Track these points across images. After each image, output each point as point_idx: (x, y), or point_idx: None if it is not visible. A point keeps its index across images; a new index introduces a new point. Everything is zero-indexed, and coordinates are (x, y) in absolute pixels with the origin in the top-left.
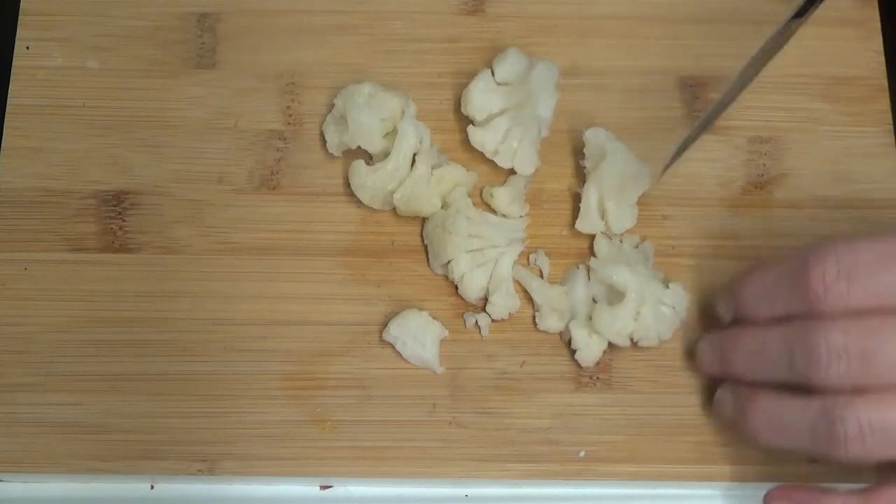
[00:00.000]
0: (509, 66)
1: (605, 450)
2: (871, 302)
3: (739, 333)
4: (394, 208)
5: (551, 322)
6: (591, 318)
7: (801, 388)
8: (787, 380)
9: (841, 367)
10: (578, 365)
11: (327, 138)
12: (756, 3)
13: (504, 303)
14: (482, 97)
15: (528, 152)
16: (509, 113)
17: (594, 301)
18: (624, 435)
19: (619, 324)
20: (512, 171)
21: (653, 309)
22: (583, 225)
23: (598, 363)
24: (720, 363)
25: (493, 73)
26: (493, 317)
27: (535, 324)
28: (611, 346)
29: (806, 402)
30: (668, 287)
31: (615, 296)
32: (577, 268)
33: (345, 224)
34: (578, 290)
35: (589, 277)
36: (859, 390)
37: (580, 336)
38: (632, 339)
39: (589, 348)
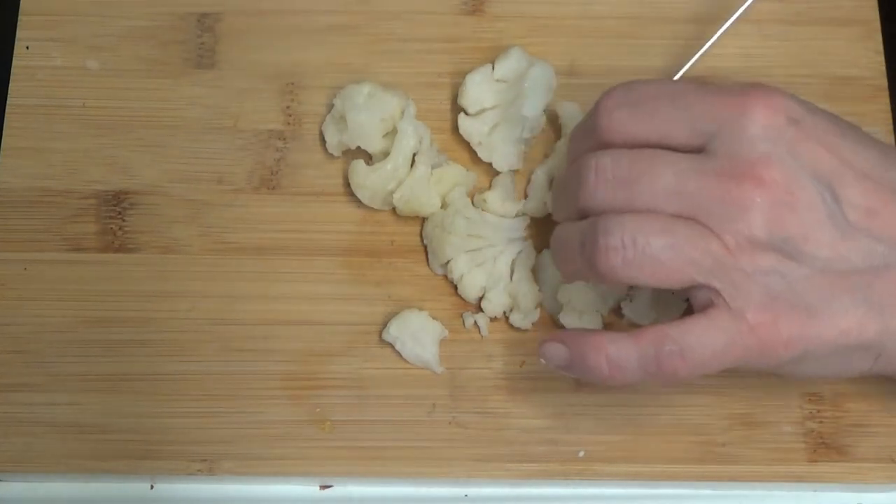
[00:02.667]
0: (510, 64)
1: (605, 450)
2: (650, 135)
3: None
4: (393, 208)
5: (570, 319)
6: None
7: None
8: (572, 210)
9: (606, 191)
10: None
11: (327, 138)
12: (755, 3)
13: (499, 300)
14: (477, 90)
15: (508, 150)
16: (500, 109)
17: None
18: (623, 435)
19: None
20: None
21: (654, 292)
22: (529, 206)
23: None
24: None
25: (493, 69)
26: (489, 314)
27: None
28: None
29: (584, 221)
30: None
31: None
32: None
33: (344, 224)
34: (552, 270)
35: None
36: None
37: (570, 320)
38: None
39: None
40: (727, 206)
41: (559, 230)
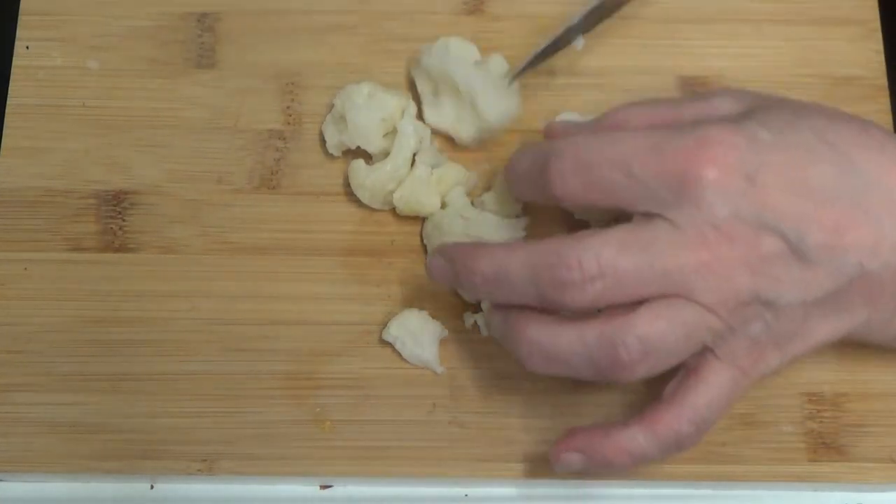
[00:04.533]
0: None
1: None
2: (605, 205)
3: (473, 254)
4: (393, 208)
5: None
6: None
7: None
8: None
9: (593, 288)
10: None
11: (327, 138)
12: (752, 3)
13: None
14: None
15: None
16: (453, 100)
17: None
18: None
19: None
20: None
21: None
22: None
23: None
24: (454, 280)
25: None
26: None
27: None
28: None
29: (580, 330)
30: None
31: None
32: None
33: (344, 224)
34: None
35: None
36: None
37: None
38: None
39: None
40: (709, 279)
41: (536, 334)
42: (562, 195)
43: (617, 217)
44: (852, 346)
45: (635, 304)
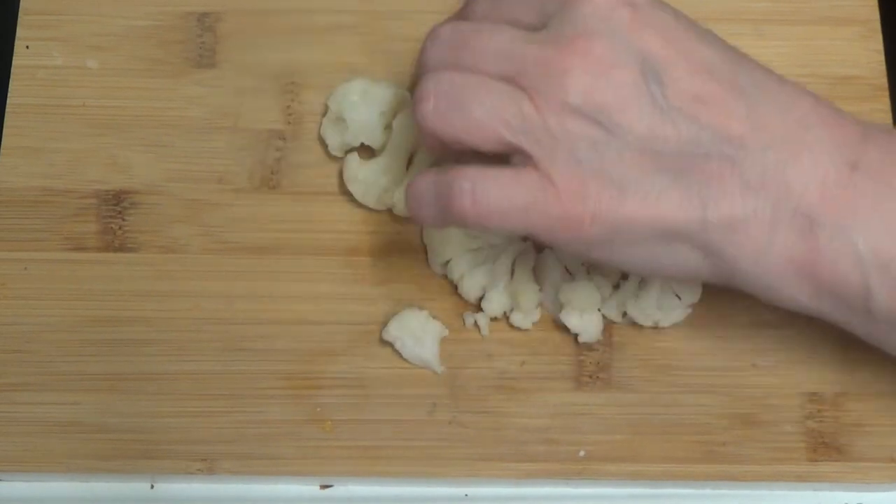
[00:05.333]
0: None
1: (605, 449)
2: (503, 16)
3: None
4: (389, 208)
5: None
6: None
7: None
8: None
9: (438, 51)
10: (578, 364)
11: (328, 141)
12: (752, 3)
13: (500, 300)
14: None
15: None
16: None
17: (568, 272)
18: (624, 434)
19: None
20: None
21: (660, 291)
22: None
23: (599, 341)
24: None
25: None
26: (489, 314)
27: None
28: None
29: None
30: None
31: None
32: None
33: (345, 223)
34: (552, 270)
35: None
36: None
37: (571, 320)
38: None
39: (586, 328)
40: (544, 70)
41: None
42: (472, 12)
43: None
44: (853, 346)
45: None
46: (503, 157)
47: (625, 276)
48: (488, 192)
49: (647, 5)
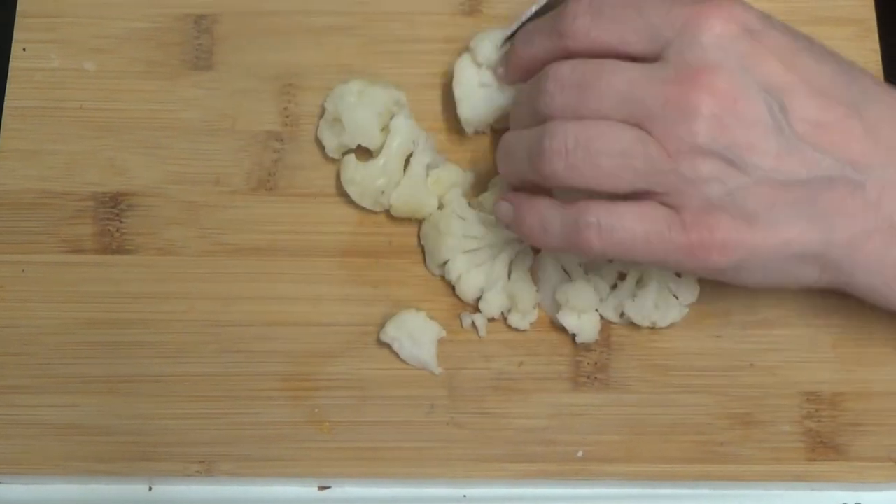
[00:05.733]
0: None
1: (603, 450)
2: (610, 42)
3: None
4: (386, 209)
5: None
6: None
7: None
8: (528, 117)
9: (561, 97)
10: (576, 365)
11: (325, 143)
12: (751, 3)
13: (497, 301)
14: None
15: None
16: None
17: (565, 272)
18: (622, 435)
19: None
20: None
21: (657, 291)
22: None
23: (596, 341)
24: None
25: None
26: (486, 315)
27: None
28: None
29: (532, 129)
30: (679, 276)
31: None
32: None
33: (342, 225)
34: (550, 270)
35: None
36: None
37: (569, 320)
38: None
39: (584, 328)
40: (670, 112)
41: (508, 136)
42: (570, 27)
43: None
44: (850, 346)
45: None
46: None
47: (622, 277)
48: (614, 227)
49: (765, 28)
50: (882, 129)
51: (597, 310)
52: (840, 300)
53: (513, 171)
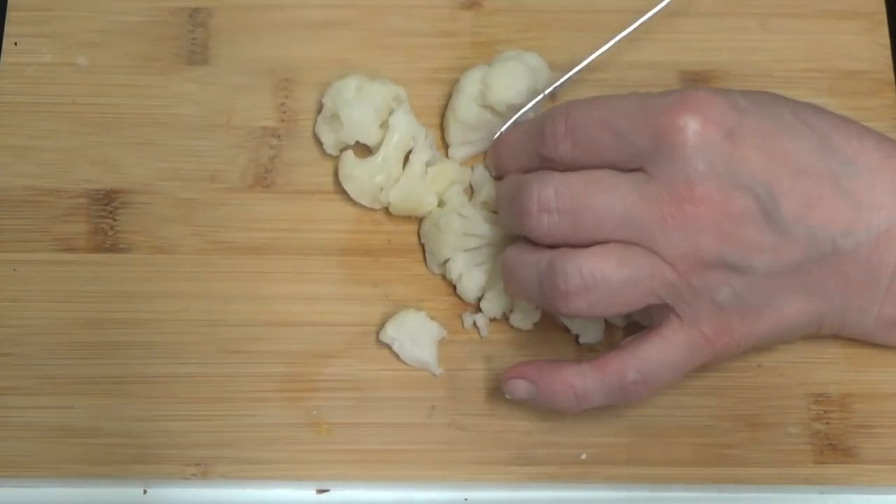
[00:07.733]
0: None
1: (607, 452)
2: (592, 163)
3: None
4: (385, 207)
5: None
6: None
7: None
8: (517, 232)
9: (552, 223)
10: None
11: (322, 139)
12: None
13: (499, 301)
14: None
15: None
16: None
17: None
18: (626, 437)
19: None
20: None
21: None
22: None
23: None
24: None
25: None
26: (488, 314)
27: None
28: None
29: (539, 255)
30: None
31: None
32: None
33: (340, 223)
34: None
35: None
36: (572, 244)
37: (574, 322)
38: None
39: (587, 329)
40: (672, 233)
41: (510, 254)
42: (553, 155)
43: None
44: (859, 346)
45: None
46: None
47: None
48: (654, 373)
49: (740, 120)
50: (863, 195)
51: None
52: None
53: (524, 297)
